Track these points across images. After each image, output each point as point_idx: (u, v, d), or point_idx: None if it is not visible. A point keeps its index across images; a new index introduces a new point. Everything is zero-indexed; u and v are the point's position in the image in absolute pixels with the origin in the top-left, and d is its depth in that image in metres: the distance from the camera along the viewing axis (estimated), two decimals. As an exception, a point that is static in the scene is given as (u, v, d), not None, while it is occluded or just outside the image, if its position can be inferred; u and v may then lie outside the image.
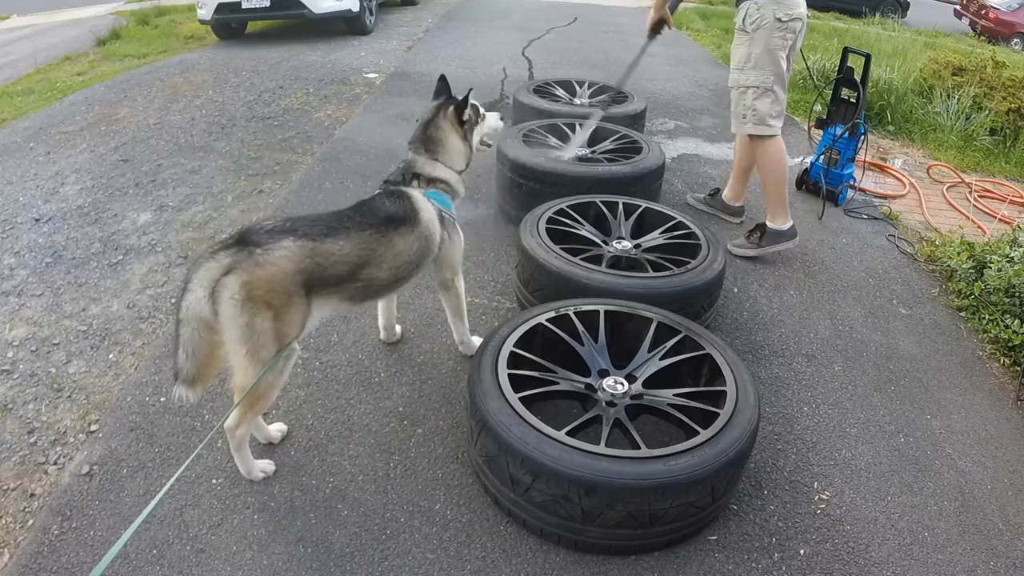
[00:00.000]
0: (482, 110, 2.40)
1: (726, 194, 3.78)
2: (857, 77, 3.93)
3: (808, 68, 5.55)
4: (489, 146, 2.50)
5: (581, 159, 3.52)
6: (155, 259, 3.27)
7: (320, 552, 1.84)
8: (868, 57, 3.89)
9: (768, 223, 3.37)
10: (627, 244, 2.78)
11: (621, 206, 2.93)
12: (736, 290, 3.17)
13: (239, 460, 2.00)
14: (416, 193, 2.16)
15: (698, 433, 1.81)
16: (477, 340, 2.54)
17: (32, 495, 2.04)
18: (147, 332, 2.77)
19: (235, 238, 1.80)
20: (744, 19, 3.10)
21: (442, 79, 2.39)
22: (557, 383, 2.03)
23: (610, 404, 1.96)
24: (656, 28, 3.38)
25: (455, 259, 2.33)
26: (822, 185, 4.04)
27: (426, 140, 2.25)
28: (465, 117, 2.28)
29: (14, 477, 2.10)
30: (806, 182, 4.25)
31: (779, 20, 3.03)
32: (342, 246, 1.91)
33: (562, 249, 2.55)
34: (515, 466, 1.76)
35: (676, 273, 2.50)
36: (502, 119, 2.52)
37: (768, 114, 3.17)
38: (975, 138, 5.43)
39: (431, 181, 2.23)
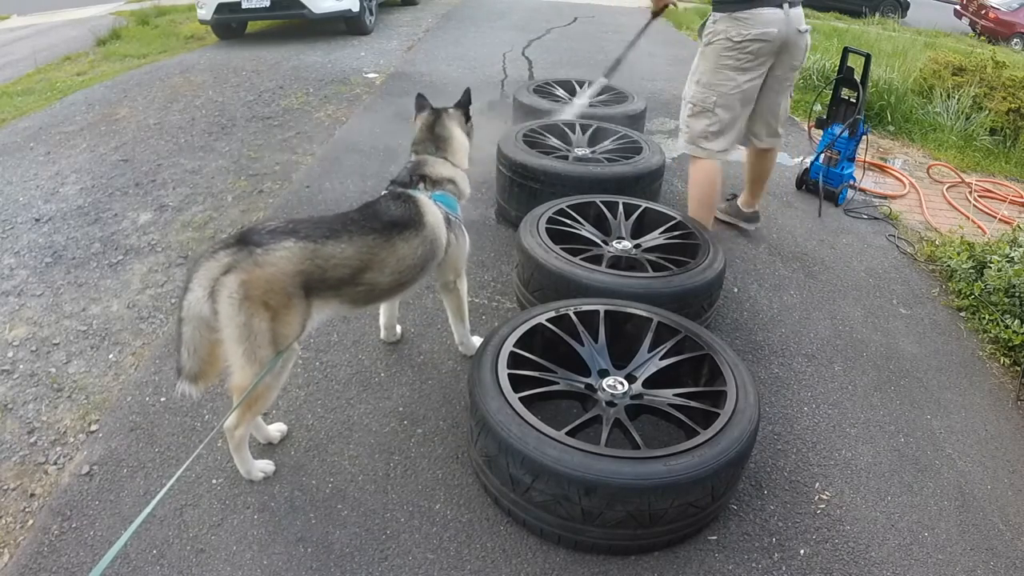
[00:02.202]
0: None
1: (741, 199, 3.61)
2: (857, 77, 3.94)
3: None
4: None
5: (581, 159, 3.52)
6: (155, 259, 3.27)
7: (320, 552, 1.84)
8: (868, 57, 3.89)
9: None
10: (627, 244, 2.78)
11: (621, 206, 2.92)
12: (736, 290, 3.17)
13: (238, 460, 2.00)
14: (422, 196, 2.16)
15: (698, 433, 1.81)
16: (477, 340, 2.54)
17: (32, 495, 2.04)
18: (147, 332, 2.77)
19: (236, 237, 1.80)
20: (703, 30, 2.92)
21: (420, 97, 2.43)
22: (557, 383, 2.03)
23: (610, 404, 1.96)
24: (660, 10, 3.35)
25: (459, 262, 2.33)
26: (820, 183, 4.04)
27: (434, 139, 2.30)
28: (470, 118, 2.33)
29: (14, 477, 2.10)
30: (806, 182, 4.26)
31: (731, 40, 2.77)
32: (343, 249, 1.90)
33: (562, 249, 2.54)
34: (515, 466, 1.76)
35: (676, 273, 2.50)
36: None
37: (701, 135, 2.97)
38: (975, 138, 5.44)
39: (438, 182, 2.23)
